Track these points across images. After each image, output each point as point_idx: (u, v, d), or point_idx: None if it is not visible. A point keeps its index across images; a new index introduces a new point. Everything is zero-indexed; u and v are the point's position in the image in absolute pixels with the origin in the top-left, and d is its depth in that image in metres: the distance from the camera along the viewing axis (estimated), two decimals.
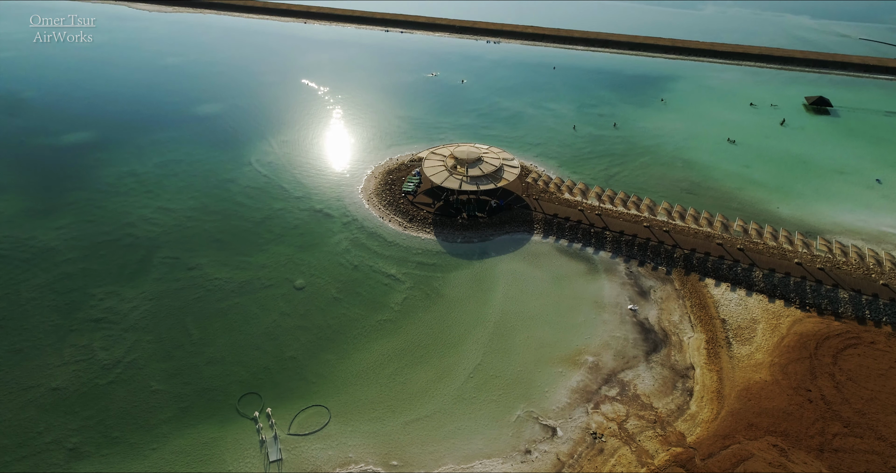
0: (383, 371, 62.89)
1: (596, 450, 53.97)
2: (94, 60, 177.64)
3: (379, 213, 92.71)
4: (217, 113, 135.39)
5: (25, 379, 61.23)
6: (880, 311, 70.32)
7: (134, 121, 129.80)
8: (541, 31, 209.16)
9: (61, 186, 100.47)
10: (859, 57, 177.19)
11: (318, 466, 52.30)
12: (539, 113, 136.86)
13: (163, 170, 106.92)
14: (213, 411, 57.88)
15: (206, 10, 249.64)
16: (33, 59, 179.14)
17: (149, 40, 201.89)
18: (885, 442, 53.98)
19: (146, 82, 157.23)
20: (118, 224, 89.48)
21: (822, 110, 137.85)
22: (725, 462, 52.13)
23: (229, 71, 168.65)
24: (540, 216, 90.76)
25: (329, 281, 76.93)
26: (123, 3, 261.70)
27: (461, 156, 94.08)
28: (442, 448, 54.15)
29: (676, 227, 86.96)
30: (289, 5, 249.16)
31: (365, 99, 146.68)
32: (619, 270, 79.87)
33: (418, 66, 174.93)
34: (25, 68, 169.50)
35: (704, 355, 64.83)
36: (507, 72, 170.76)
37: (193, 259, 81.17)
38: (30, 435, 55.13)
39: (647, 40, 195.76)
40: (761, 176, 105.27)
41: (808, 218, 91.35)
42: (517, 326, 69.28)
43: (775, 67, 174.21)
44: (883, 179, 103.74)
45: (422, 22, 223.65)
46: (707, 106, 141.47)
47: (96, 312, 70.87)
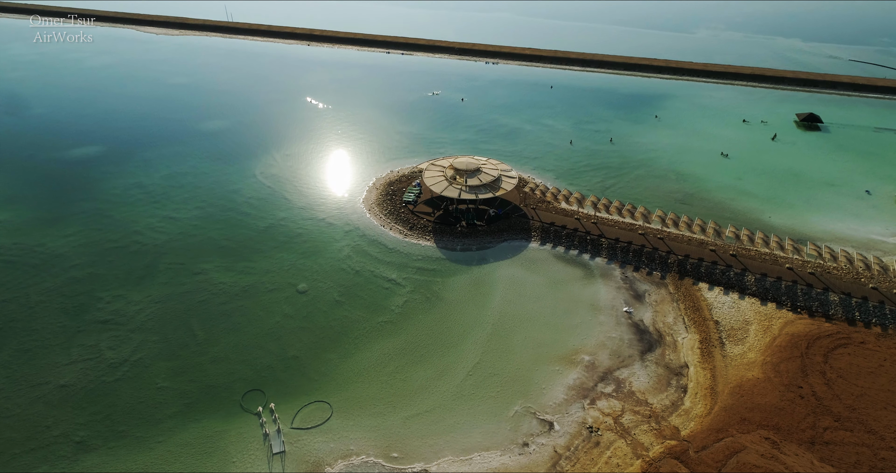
0: (384, 369, 64.31)
1: (592, 443, 55.14)
2: (102, 80, 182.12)
3: (380, 222, 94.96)
4: (222, 129, 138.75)
5: (34, 376, 62.64)
6: (870, 313, 71.98)
7: (140, 137, 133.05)
8: (538, 53, 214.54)
9: (69, 197, 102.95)
10: (849, 77, 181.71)
11: (320, 458, 53.43)
12: (536, 129, 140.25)
13: (169, 181, 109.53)
14: (218, 407, 59.14)
15: (212, 33, 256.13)
16: (43, 78, 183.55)
17: (156, 61, 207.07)
18: (875, 436, 55.16)
19: (153, 100, 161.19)
20: (125, 232, 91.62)
21: (812, 126, 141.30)
22: (719, 453, 53.27)
23: (234, 90, 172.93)
24: (537, 224, 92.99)
25: (331, 285, 78.74)
26: (132, 26, 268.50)
27: (460, 166, 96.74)
28: (441, 441, 55.32)
29: (670, 235, 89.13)
30: (292, 28, 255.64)
31: (367, 116, 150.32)
32: (615, 275, 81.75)
33: (419, 85, 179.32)
34: (35, 87, 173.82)
35: (698, 354, 66.32)
36: (505, 91, 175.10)
37: (199, 264, 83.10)
38: (38, 429, 56.33)
39: (641, 61, 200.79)
40: (754, 187, 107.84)
41: (800, 227, 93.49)
42: (515, 327, 70.88)
43: (767, 87, 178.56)
44: (872, 190, 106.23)
45: (422, 44, 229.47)
46: (700, 122, 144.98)
47: (103, 314, 72.52)
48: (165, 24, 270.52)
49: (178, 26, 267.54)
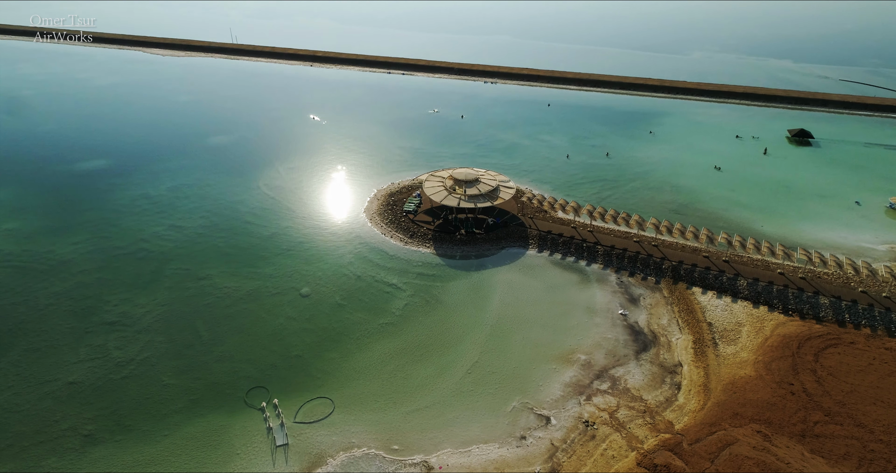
0: (385, 367, 65.84)
1: (588, 436, 56.44)
2: (110, 98, 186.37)
3: (381, 230, 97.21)
4: (227, 144, 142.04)
5: (43, 374, 64.14)
6: (859, 315, 73.71)
7: (147, 151, 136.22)
8: (535, 73, 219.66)
9: (77, 207, 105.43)
10: (840, 95, 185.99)
11: (322, 450, 54.70)
12: (534, 144, 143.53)
13: (175, 193, 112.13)
14: (223, 402, 60.55)
15: (217, 54, 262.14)
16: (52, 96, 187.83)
17: (162, 81, 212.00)
18: (864, 429, 56.47)
19: (159, 117, 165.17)
20: (132, 239, 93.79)
21: (804, 141, 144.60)
22: (712, 446, 54.54)
23: (238, 107, 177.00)
24: (535, 232, 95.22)
25: (333, 290, 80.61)
26: (140, 48, 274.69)
27: (460, 176, 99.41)
28: (441, 434, 56.64)
29: (665, 242, 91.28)
30: (295, 50, 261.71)
31: (368, 132, 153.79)
32: (611, 280, 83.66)
33: (419, 103, 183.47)
34: (44, 104, 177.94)
35: (692, 353, 67.89)
36: (503, 108, 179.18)
37: (204, 270, 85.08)
38: (47, 423, 57.67)
39: (636, 80, 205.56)
40: (746, 198, 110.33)
41: (791, 235, 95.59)
42: (513, 328, 72.57)
43: (759, 105, 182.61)
44: (862, 201, 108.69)
45: (422, 65, 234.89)
46: (694, 138, 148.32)
47: (111, 316, 74.26)
48: (171, 46, 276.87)
49: (184, 48, 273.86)
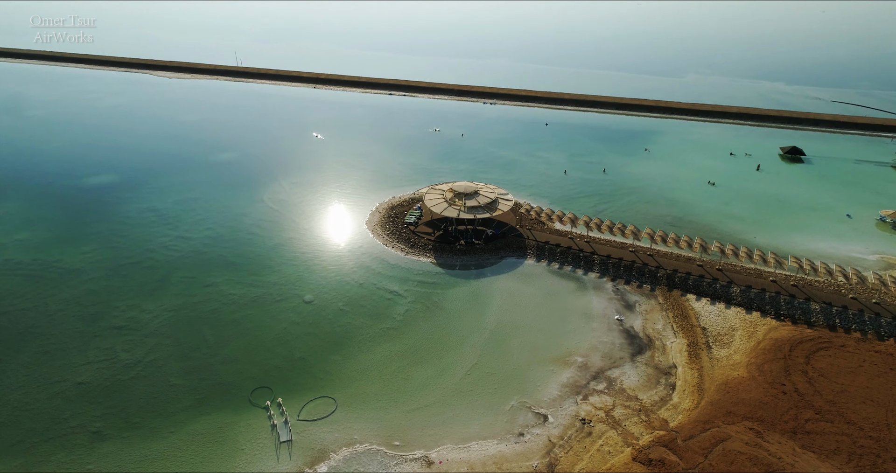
0: (386, 369, 67.46)
1: (585, 433, 57.84)
2: (117, 117, 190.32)
3: (382, 241, 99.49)
4: (232, 160, 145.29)
5: (52, 374, 65.76)
6: (850, 320, 75.54)
7: (154, 167, 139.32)
8: (534, 94, 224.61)
9: (86, 219, 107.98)
10: (830, 115, 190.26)
11: (325, 446, 56.08)
12: (532, 160, 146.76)
13: (181, 206, 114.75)
14: (228, 401, 62.08)
15: (222, 77, 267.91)
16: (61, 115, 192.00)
17: (168, 101, 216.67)
18: (854, 426, 57.88)
19: (165, 135, 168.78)
20: (139, 249, 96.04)
21: (796, 158, 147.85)
22: (705, 442, 55.93)
23: (243, 126, 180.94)
24: (532, 243, 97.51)
25: (336, 297, 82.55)
26: (146, 71, 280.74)
27: (459, 189, 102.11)
28: (441, 431, 58.05)
29: (660, 252, 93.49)
30: (299, 72, 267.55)
31: (370, 149, 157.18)
32: (607, 288, 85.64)
33: (420, 122, 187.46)
34: (54, 123, 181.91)
35: (686, 356, 69.53)
36: (502, 127, 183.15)
37: (209, 278, 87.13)
38: (56, 421, 59.13)
39: (632, 101, 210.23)
40: (740, 212, 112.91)
41: (784, 246, 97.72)
42: (511, 332, 74.35)
43: (753, 124, 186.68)
44: (853, 214, 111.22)
45: (423, 86, 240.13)
46: (688, 155, 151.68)
47: (119, 321, 76.09)
48: (178, 69, 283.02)
49: (190, 71, 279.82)
